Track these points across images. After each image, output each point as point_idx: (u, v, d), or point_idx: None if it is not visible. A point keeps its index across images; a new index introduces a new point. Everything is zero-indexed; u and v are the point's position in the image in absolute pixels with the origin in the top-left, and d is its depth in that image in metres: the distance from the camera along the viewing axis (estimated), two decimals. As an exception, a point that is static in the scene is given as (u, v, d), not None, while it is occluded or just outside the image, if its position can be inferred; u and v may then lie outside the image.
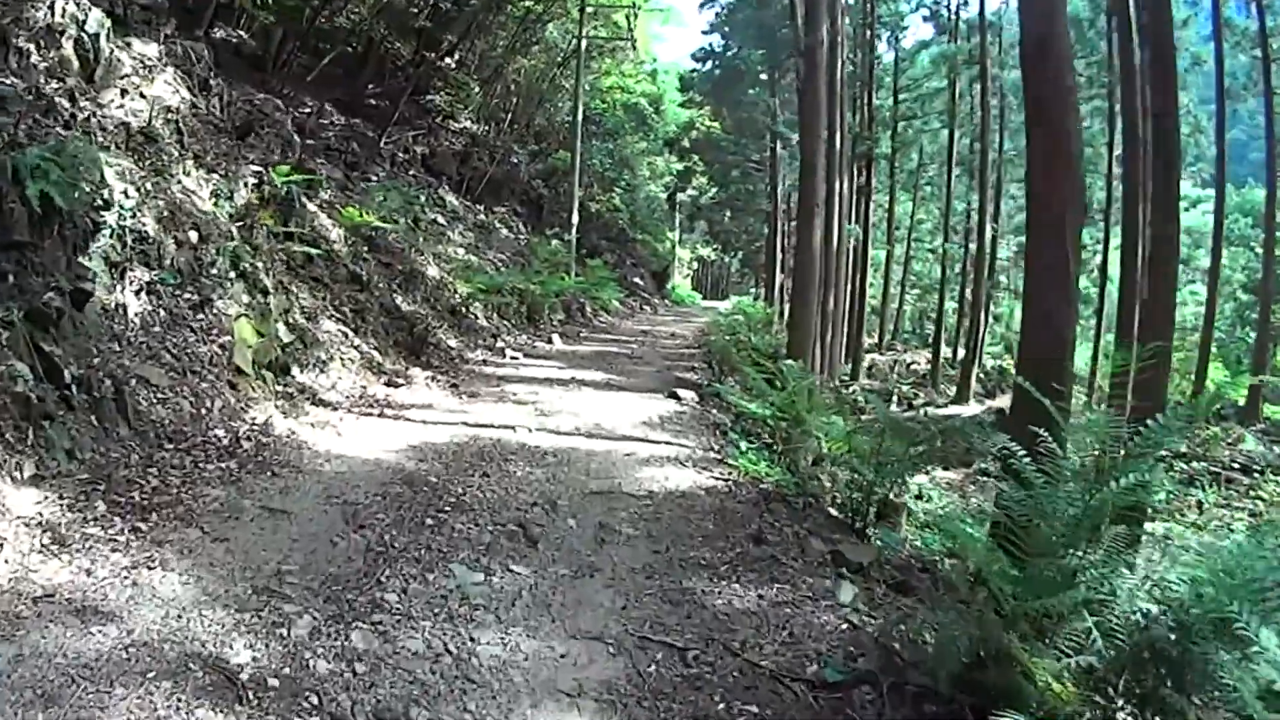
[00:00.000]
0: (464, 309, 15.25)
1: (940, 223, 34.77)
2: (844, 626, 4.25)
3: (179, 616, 3.82)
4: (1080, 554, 3.73)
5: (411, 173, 21.32)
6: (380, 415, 8.43)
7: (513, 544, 4.96)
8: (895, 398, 20.11)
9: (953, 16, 27.60)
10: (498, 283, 17.19)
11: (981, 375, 28.05)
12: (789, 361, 10.72)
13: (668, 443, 8.15)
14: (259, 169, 11.40)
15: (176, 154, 9.44)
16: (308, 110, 18.19)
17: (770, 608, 4.39)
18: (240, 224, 9.62)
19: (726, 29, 33.10)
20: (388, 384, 10.12)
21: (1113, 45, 25.28)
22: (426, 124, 23.88)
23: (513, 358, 13.59)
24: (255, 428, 6.94)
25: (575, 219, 23.71)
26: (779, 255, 32.54)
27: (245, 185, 10.81)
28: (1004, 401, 22.57)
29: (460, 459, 6.79)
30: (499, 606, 4.13)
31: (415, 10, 20.92)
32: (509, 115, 28.18)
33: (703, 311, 32.52)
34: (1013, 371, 29.72)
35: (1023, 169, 24.29)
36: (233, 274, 8.64)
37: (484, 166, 24.16)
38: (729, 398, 10.71)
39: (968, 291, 27.76)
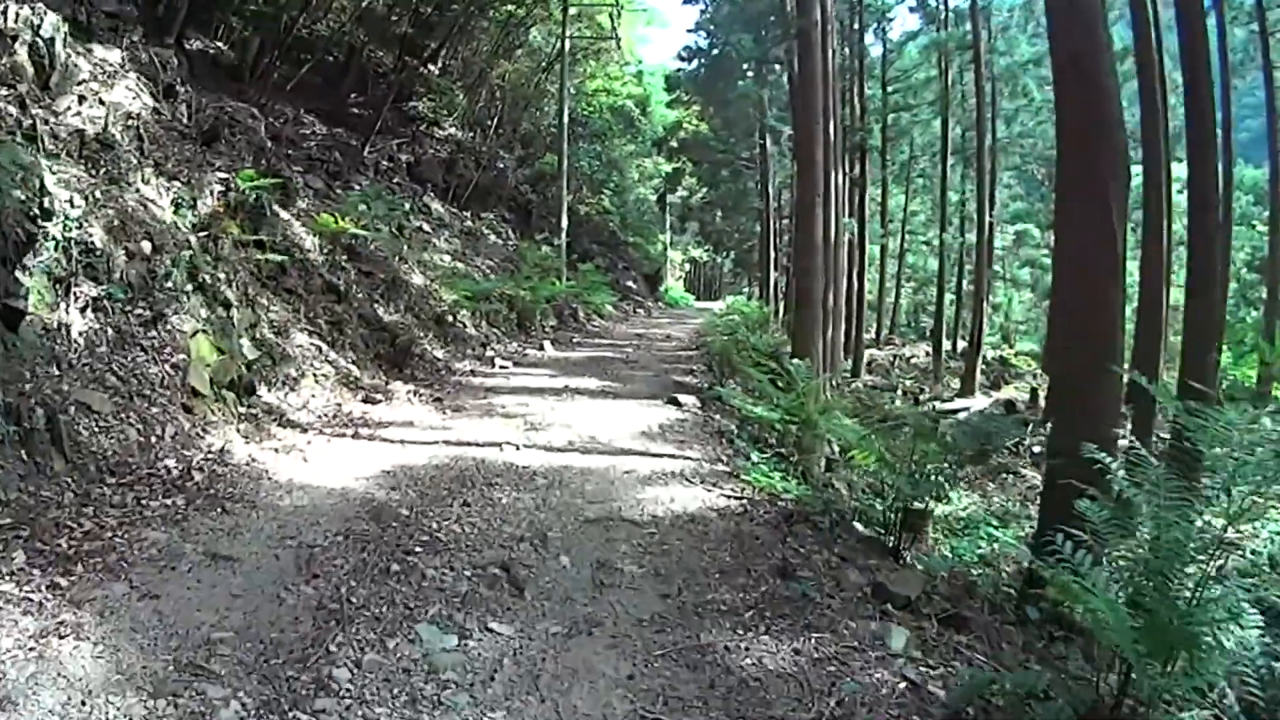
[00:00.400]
0: (450, 318, 14.44)
1: (935, 214, 34.05)
2: (902, 686, 3.43)
3: (82, 704, 3.04)
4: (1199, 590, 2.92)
5: (396, 180, 20.59)
6: (354, 436, 7.63)
7: (494, 593, 4.15)
8: (900, 392, 19.30)
9: (941, 5, 26.77)
10: (485, 289, 16.40)
11: (983, 366, 27.31)
12: (795, 361, 9.94)
13: (671, 455, 7.35)
14: (226, 176, 10.62)
15: (135, 161, 8.67)
16: (283, 119, 17.48)
17: (810, 666, 3.57)
18: (204, 234, 8.80)
19: (712, 26, 32.30)
20: (365, 400, 9.32)
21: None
22: (411, 132, 23.17)
23: (502, 367, 12.79)
24: (210, 456, 6.14)
25: (565, 223, 22.94)
26: (772, 253, 31.78)
27: (211, 193, 10.09)
28: (1009, 393, 21.82)
29: (438, 485, 6.00)
30: (475, 681, 3.32)
31: (396, 17, 20.15)
32: (495, 121, 27.43)
33: (697, 313, 31.73)
34: (1013, 361, 29.04)
35: (1017, 155, 23.58)
36: (190, 287, 7.82)
37: (470, 173, 23.39)
38: (733, 402, 9.92)
39: (964, 282, 27.03)
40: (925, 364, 28.07)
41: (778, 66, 29.82)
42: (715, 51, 31.80)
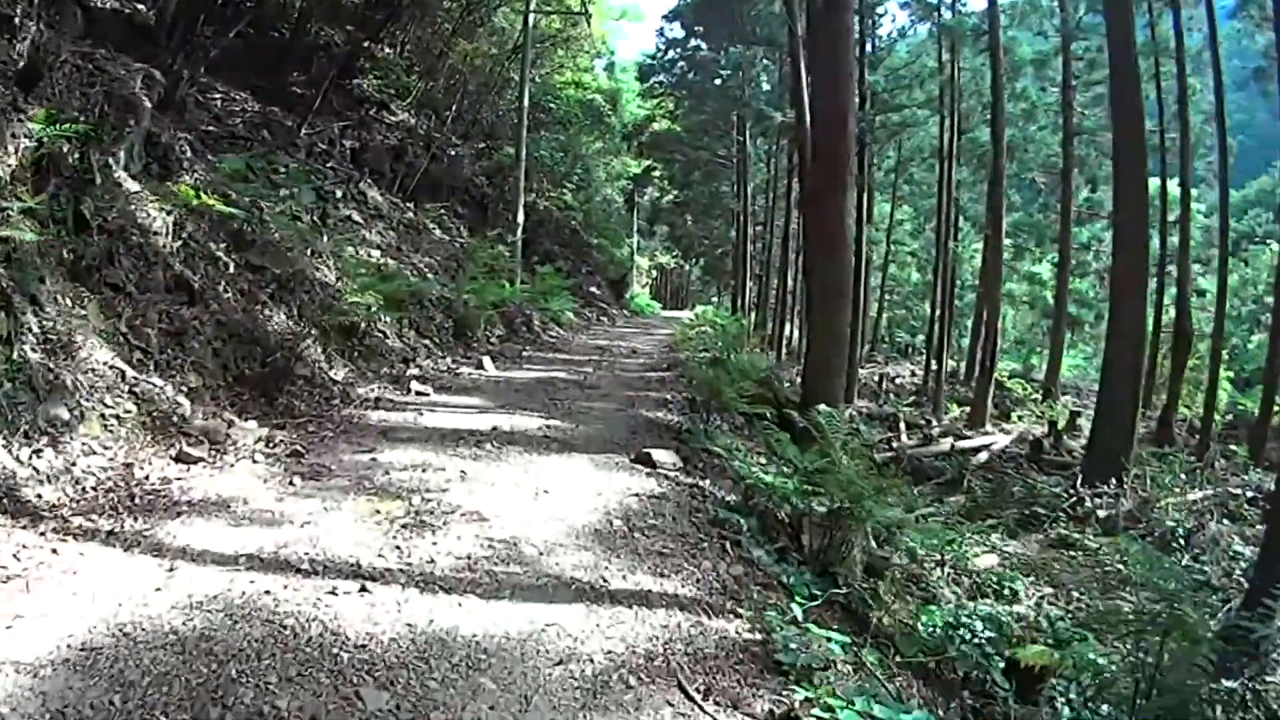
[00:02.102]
0: (366, 325, 11.07)
1: (922, 223, 31.09)
2: None
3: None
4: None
5: (330, 164, 17.20)
6: (110, 538, 4.44)
7: None
8: (903, 425, 16.14)
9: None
10: (413, 289, 13.00)
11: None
12: (822, 407, 6.64)
13: (645, 597, 4.10)
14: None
15: None
16: (210, 93, 14.63)
17: None
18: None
19: (687, 15, 29.06)
20: (180, 458, 5.98)
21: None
22: (358, 115, 19.93)
23: (420, 394, 9.45)
24: None
25: (521, 218, 19.60)
26: (748, 260, 28.55)
27: (14, 149, 6.90)
28: (1021, 425, 18.76)
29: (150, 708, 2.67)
30: None
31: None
32: (453, 108, 24.05)
33: (664, 322, 28.47)
34: (1009, 385, 26.07)
35: (1015, 163, 20.52)
36: None
37: (421, 162, 20.02)
38: (734, 464, 6.64)
39: (949, 298, 23.97)
40: (913, 384, 24.99)
41: (761, 61, 26.79)
42: (692, 42, 28.60)
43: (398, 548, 4.35)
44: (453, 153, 22.22)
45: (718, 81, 30.41)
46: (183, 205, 9.15)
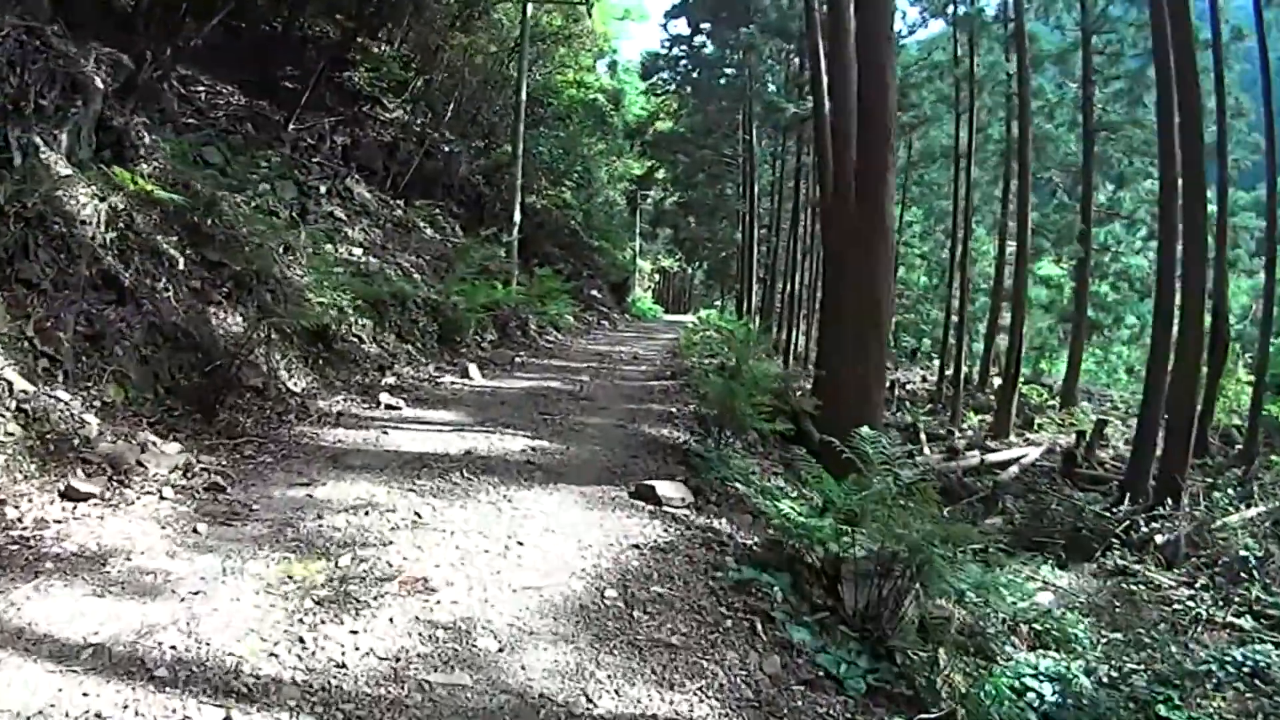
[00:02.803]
0: (336, 329, 9.83)
1: (932, 226, 29.77)
2: None
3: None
4: None
5: (316, 159, 16.02)
6: None
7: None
8: (924, 437, 14.84)
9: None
10: (395, 290, 11.74)
11: (993, 398, 22.99)
12: (866, 430, 5.35)
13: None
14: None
15: None
16: (193, 84, 13.58)
17: None
18: None
19: (693, 10, 27.78)
20: (67, 493, 4.73)
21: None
22: (352, 111, 18.76)
23: (391, 407, 8.19)
24: None
25: (517, 217, 18.29)
26: (754, 263, 27.24)
27: None
28: (1044, 434, 17.43)
29: None
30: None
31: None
32: (451, 105, 22.79)
33: (667, 326, 27.14)
34: (1024, 391, 24.73)
35: (1050, 154, 19.19)
36: None
37: (415, 159, 18.79)
38: (755, 500, 5.38)
39: (965, 302, 22.65)
40: (925, 390, 23.67)
41: (768, 61, 25.52)
42: (697, 39, 27.36)
43: (301, 640, 3.07)
44: (447, 148, 20.96)
45: (722, 81, 29.22)
46: (134, 195, 7.97)
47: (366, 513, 4.67)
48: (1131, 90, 22.69)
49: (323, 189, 14.89)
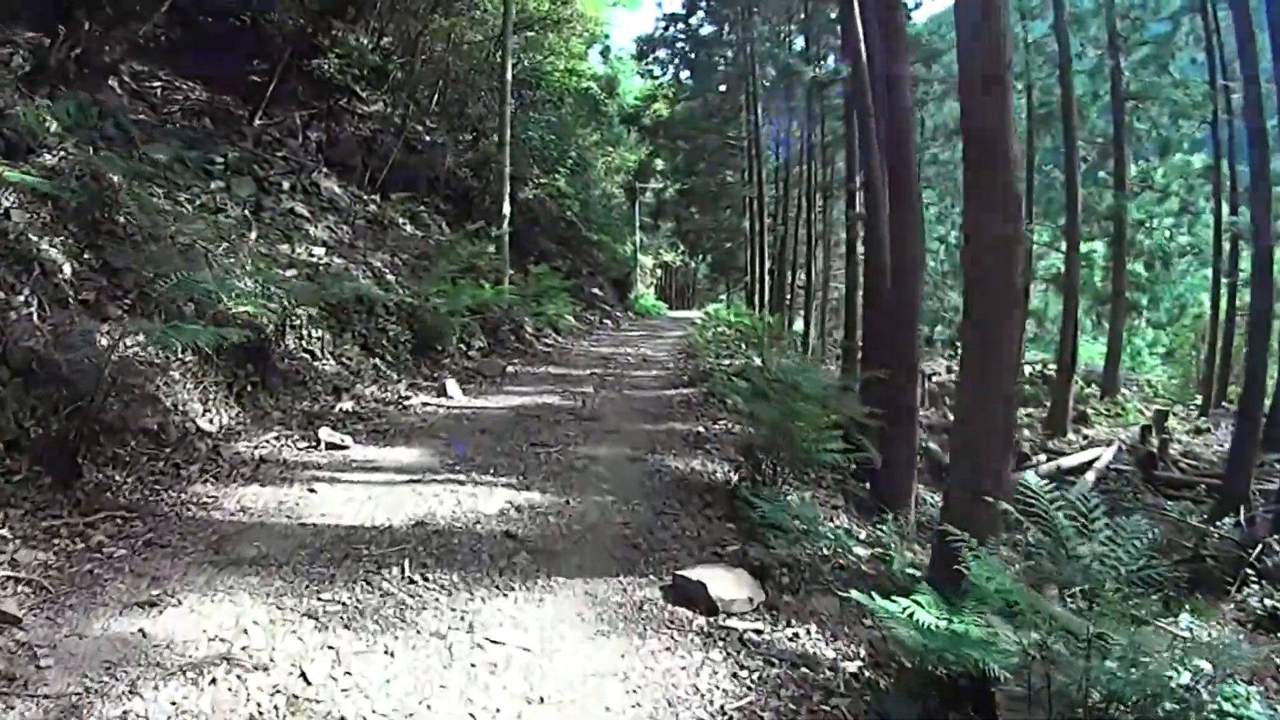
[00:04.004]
0: (279, 343, 7.79)
1: (949, 206, 27.55)
2: None
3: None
4: None
5: (281, 154, 14.00)
6: None
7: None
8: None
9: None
10: (362, 294, 9.67)
11: (1036, 388, 20.89)
12: (1030, 476, 3.23)
13: None
14: None
15: None
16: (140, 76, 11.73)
17: None
18: None
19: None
20: None
21: None
22: (326, 105, 16.64)
23: (333, 447, 6.14)
24: None
25: (507, 209, 16.17)
26: (764, 251, 25.06)
27: None
28: (1100, 429, 15.30)
29: None
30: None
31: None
32: (435, 97, 20.69)
33: (673, 323, 25.02)
34: (1078, 383, 22.58)
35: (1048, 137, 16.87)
36: None
37: (398, 154, 16.71)
38: (877, 610, 3.25)
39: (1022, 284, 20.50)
40: (953, 382, 21.48)
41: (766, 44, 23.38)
42: (694, 18, 25.22)
43: None
44: (428, 138, 18.88)
45: (721, 65, 27.12)
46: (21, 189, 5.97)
47: (215, 678, 2.59)
48: (1158, 56, 20.63)
49: (286, 185, 12.86)
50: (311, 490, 4.99)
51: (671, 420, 7.70)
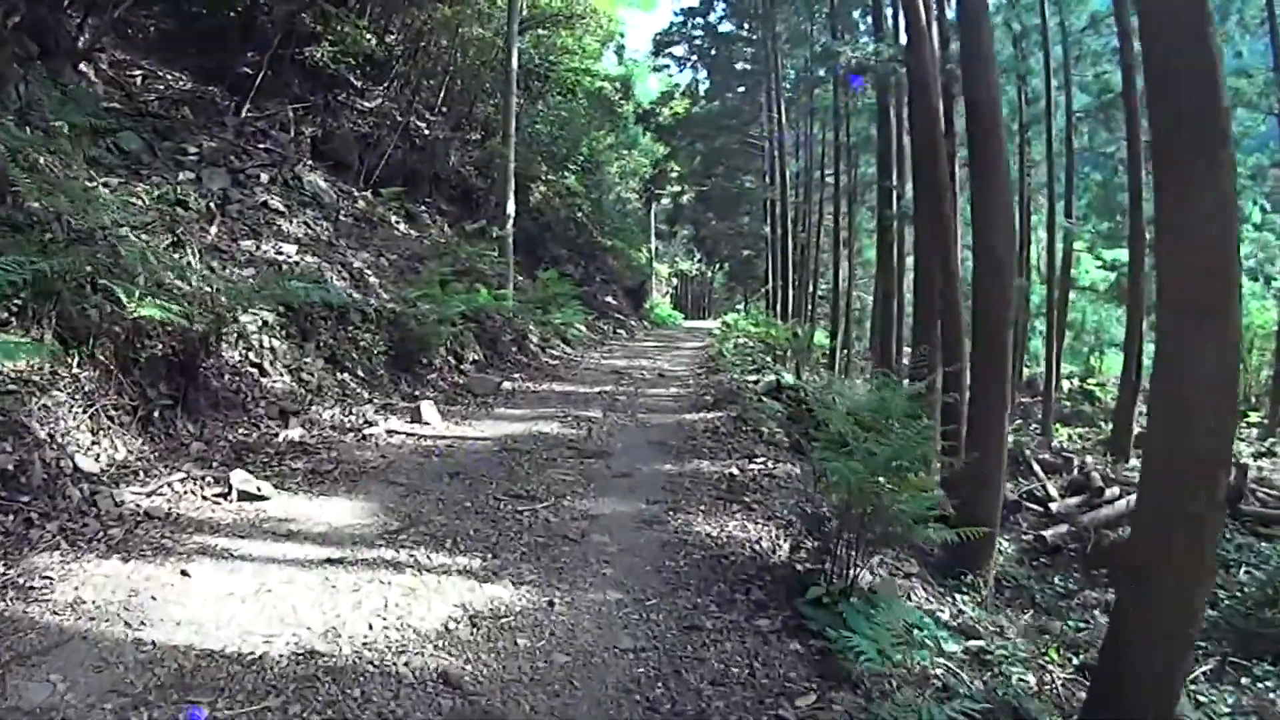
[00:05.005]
0: (212, 352, 6.22)
1: (963, 206, 25.80)
2: None
3: None
4: None
5: (264, 146, 12.50)
6: None
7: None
8: (1033, 463, 10.99)
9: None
10: (332, 299, 8.07)
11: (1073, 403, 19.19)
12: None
13: None
14: None
15: None
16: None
17: None
18: None
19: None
20: None
21: None
22: (323, 99, 15.22)
23: (247, 497, 4.52)
24: None
25: (511, 207, 14.56)
26: (788, 257, 23.31)
27: None
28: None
29: None
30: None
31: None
32: (441, 94, 19.17)
33: (689, 334, 23.35)
34: (1097, 393, 20.78)
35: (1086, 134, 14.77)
36: None
37: (399, 151, 15.26)
38: None
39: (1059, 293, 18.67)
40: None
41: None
42: (712, 14, 23.62)
43: None
44: (428, 132, 17.34)
45: (739, 66, 25.52)
46: None
47: None
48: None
49: (265, 177, 11.32)
50: (184, 574, 3.38)
51: (697, 457, 6.04)
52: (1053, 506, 9.33)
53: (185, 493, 4.59)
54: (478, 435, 6.50)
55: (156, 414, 5.49)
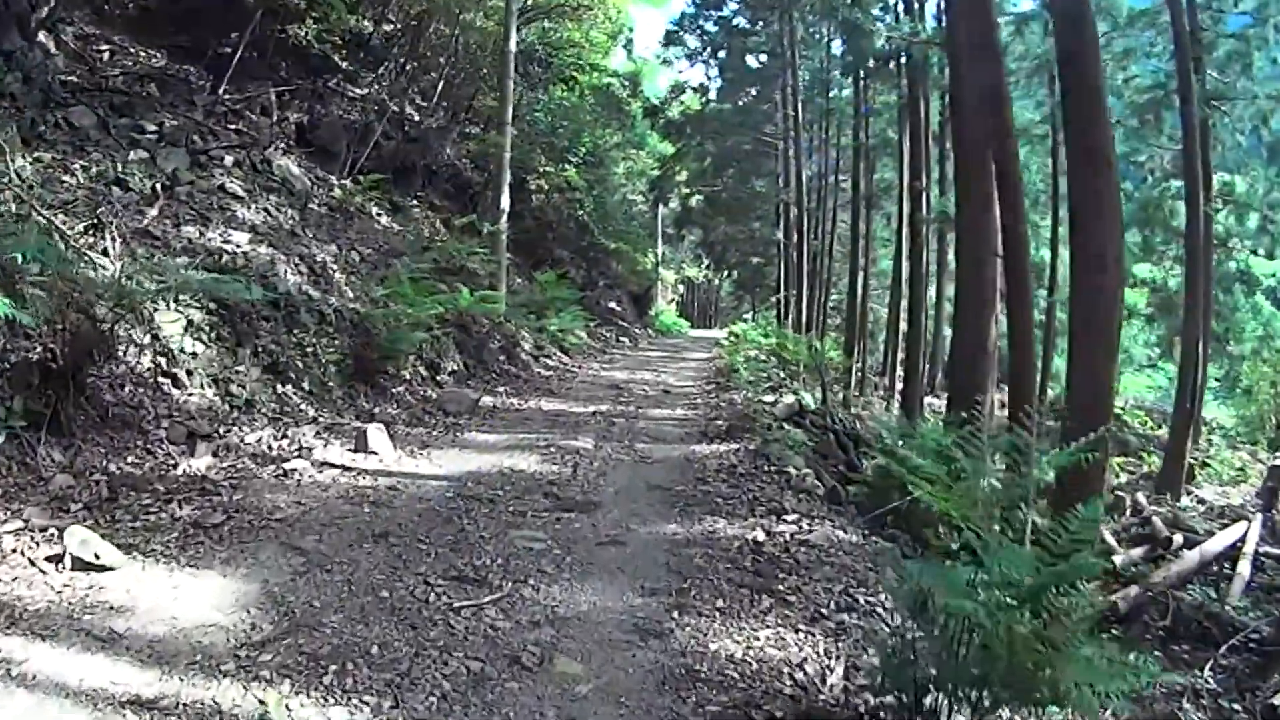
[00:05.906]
0: (104, 357, 4.86)
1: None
2: None
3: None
4: None
5: (235, 128, 11.21)
6: None
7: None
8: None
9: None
10: (281, 299, 6.77)
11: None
12: None
13: None
14: None
15: None
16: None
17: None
18: None
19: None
20: None
21: None
22: (310, 85, 13.96)
23: (87, 567, 3.22)
24: None
25: (505, 201, 13.21)
26: (801, 265, 21.89)
27: None
28: (1212, 491, 12.13)
29: None
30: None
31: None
32: (440, 83, 17.88)
33: (695, 343, 22.00)
34: (1142, 421, 19.30)
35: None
36: None
37: (391, 141, 14.01)
38: None
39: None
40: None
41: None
42: (726, 8, 22.31)
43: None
44: (422, 122, 16.04)
45: (753, 65, 24.23)
46: None
47: None
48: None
49: (229, 160, 9.99)
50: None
51: (710, 511, 4.66)
52: (1116, 560, 7.92)
53: (10, 552, 3.26)
54: (432, 473, 5.14)
55: (20, 443, 4.16)
